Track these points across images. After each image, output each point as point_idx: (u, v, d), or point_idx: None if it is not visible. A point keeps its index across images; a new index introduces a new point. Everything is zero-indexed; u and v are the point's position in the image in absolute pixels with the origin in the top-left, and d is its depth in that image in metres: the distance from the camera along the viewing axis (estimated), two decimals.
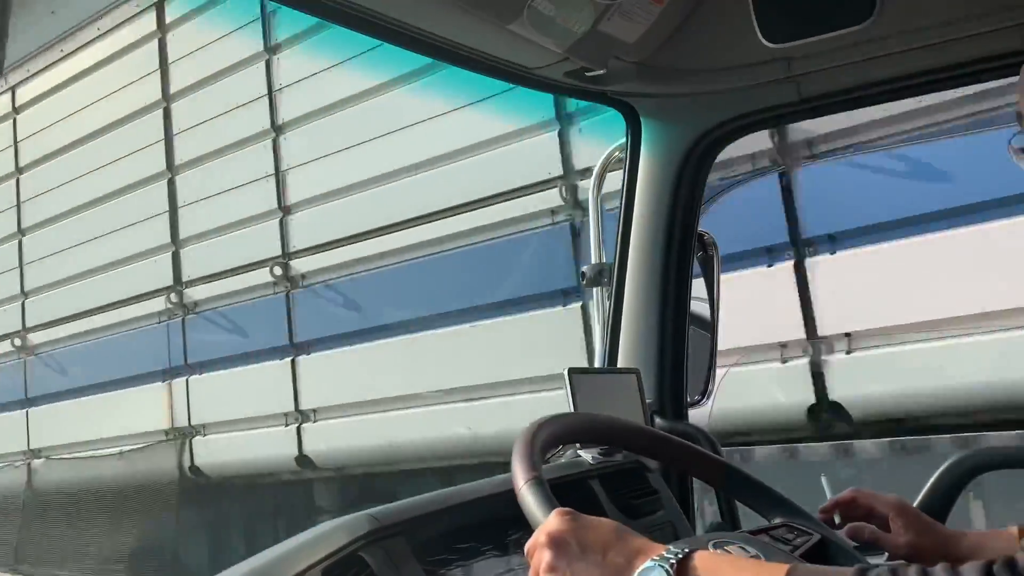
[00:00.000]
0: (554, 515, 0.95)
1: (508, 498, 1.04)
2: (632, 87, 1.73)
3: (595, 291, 2.10)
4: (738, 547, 1.07)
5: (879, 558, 1.48)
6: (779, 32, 1.54)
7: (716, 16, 1.63)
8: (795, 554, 1.17)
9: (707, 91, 1.74)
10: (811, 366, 3.92)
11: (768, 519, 1.31)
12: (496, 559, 1.22)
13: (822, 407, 3.91)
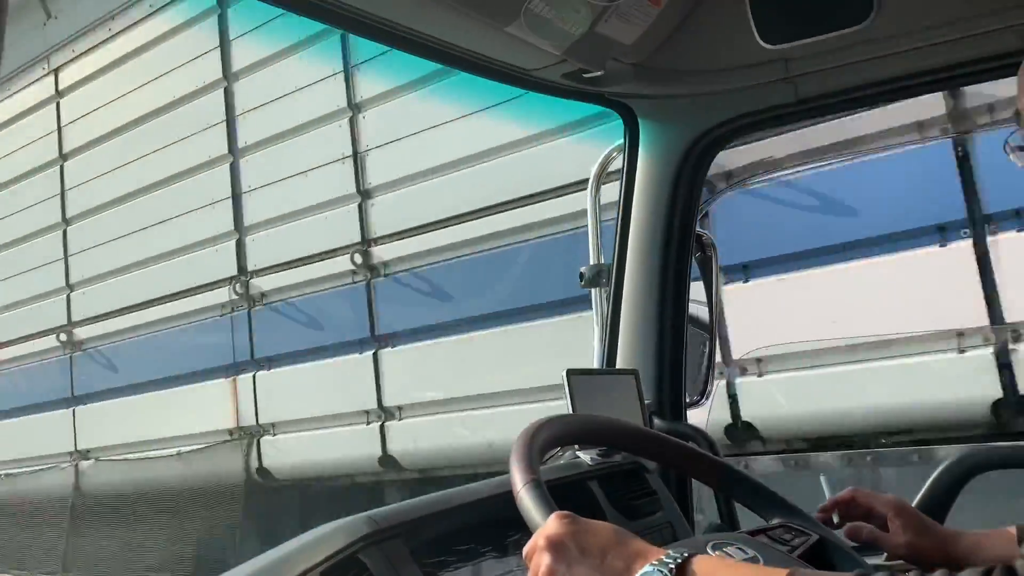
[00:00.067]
0: (553, 518, 0.95)
1: (507, 500, 1.04)
2: (630, 88, 1.74)
3: (594, 292, 2.10)
4: (736, 548, 1.08)
5: (877, 558, 1.48)
6: (776, 33, 1.54)
7: (713, 17, 1.63)
8: (793, 554, 1.17)
9: (705, 92, 1.74)
10: None
11: (767, 519, 1.31)
12: (495, 561, 1.21)
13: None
